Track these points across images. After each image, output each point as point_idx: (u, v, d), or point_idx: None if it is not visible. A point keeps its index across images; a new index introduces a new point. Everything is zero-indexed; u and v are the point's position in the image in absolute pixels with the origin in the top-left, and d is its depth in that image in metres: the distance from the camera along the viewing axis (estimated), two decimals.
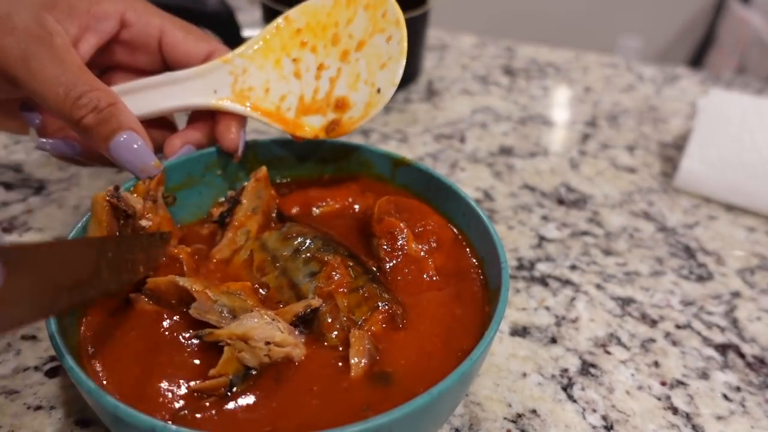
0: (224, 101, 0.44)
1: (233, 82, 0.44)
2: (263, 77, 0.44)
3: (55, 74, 0.35)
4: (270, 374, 0.33)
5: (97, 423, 0.38)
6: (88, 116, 0.36)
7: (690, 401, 0.43)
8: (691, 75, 0.97)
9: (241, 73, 0.44)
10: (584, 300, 0.52)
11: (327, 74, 0.43)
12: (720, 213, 0.65)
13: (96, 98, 0.36)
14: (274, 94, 0.44)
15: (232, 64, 0.44)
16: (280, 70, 0.44)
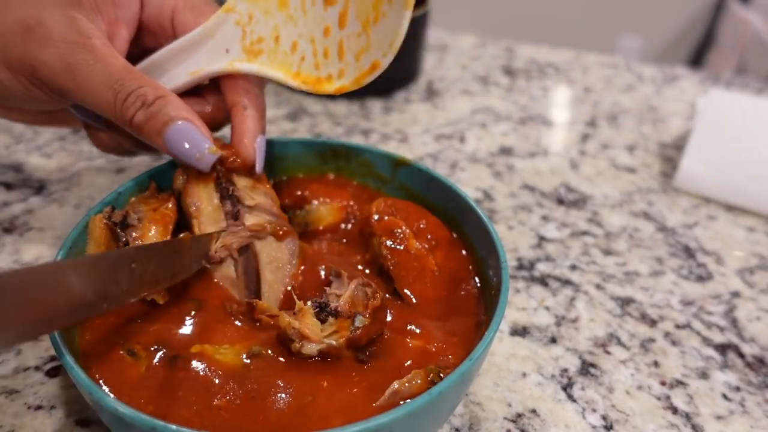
0: (237, 63, 0.40)
1: (242, 35, 0.40)
2: (270, 23, 0.39)
3: (102, 80, 0.35)
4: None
5: (97, 423, 0.38)
6: (138, 113, 0.35)
7: (690, 401, 0.43)
8: (691, 75, 0.97)
9: (248, 22, 0.40)
10: (584, 300, 0.52)
11: (335, 9, 0.37)
12: (720, 213, 0.65)
13: (143, 94, 0.35)
14: (285, 41, 0.39)
15: (236, 12, 0.40)
16: (286, 10, 0.39)
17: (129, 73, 0.36)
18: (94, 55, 0.35)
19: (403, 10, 0.34)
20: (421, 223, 0.42)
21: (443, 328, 0.38)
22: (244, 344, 0.35)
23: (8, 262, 0.51)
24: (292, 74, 0.39)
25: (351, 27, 0.37)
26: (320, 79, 0.38)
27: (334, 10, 0.37)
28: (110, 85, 0.35)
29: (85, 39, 0.35)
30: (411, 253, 0.41)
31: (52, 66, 0.35)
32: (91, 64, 0.35)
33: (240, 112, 0.39)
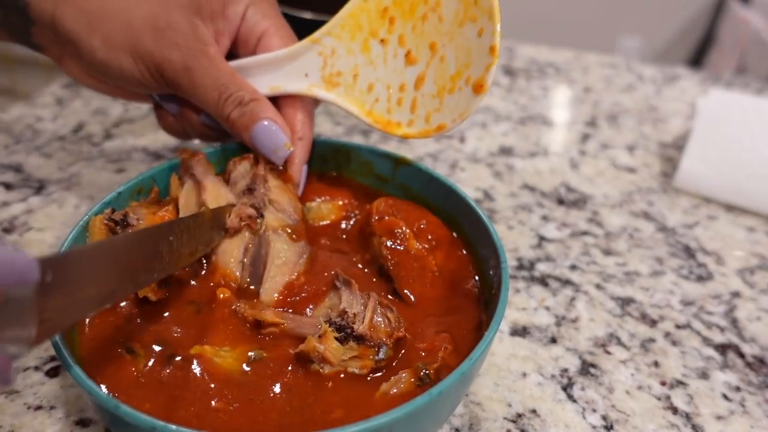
0: (315, 88, 0.44)
1: (322, 65, 0.44)
2: (351, 61, 0.43)
3: (212, 81, 0.42)
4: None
5: (97, 423, 0.38)
6: (234, 110, 0.43)
7: (690, 401, 0.43)
8: (691, 75, 0.97)
9: (330, 55, 0.44)
10: (584, 300, 0.52)
11: (415, 69, 0.41)
12: (720, 213, 0.65)
13: (241, 96, 0.43)
14: (363, 81, 0.43)
15: (320, 44, 0.44)
16: (368, 54, 0.42)
17: (233, 78, 0.43)
18: (209, 61, 0.42)
19: (475, 95, 0.38)
20: (422, 223, 0.42)
21: (442, 327, 0.38)
22: (245, 347, 0.35)
23: None
24: (365, 111, 0.43)
25: (427, 88, 0.40)
26: (390, 123, 0.42)
27: (413, 69, 0.41)
28: (217, 87, 0.42)
29: (203, 46, 0.42)
30: (411, 253, 0.41)
31: (175, 65, 0.42)
32: (206, 67, 0.42)
33: (295, 141, 0.45)
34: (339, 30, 0.43)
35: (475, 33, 0.38)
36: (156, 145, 0.68)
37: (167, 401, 0.32)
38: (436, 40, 0.39)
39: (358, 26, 0.42)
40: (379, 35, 0.42)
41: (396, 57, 0.41)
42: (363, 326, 0.34)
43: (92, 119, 0.72)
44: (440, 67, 0.39)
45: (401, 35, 0.41)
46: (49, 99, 0.76)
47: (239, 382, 0.33)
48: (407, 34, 0.41)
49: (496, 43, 0.37)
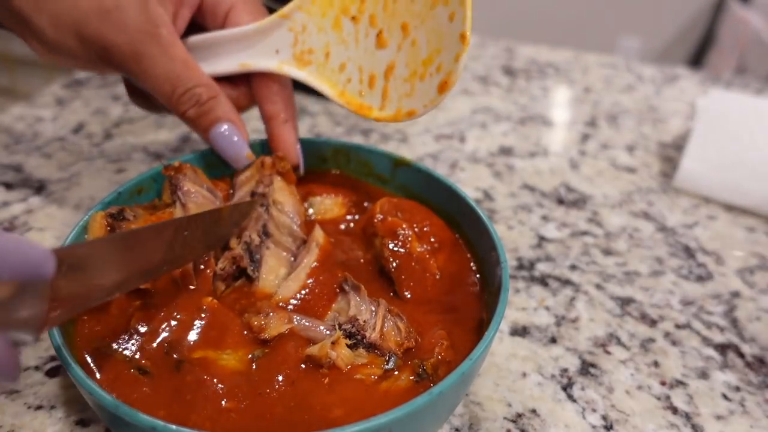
0: (286, 66, 0.43)
1: (293, 41, 0.43)
2: (323, 39, 0.42)
3: (164, 71, 0.39)
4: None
5: (97, 423, 0.38)
6: (191, 110, 0.40)
7: (689, 401, 0.43)
8: (691, 75, 0.97)
9: (301, 31, 0.42)
10: (584, 300, 0.52)
11: (386, 52, 0.40)
12: (720, 213, 0.65)
13: (198, 93, 0.40)
14: (335, 59, 0.42)
15: (291, 20, 0.42)
16: (339, 32, 0.41)
17: (188, 70, 0.40)
18: (160, 47, 0.39)
19: (439, 94, 0.38)
20: (425, 224, 0.42)
21: (441, 326, 0.38)
22: (248, 349, 0.35)
23: None
24: (338, 92, 0.42)
25: (399, 72, 0.39)
26: (362, 106, 0.41)
27: (385, 52, 0.39)
28: (170, 79, 0.39)
29: (154, 28, 0.39)
30: (413, 255, 0.40)
31: (122, 50, 0.39)
32: (157, 55, 0.39)
33: (281, 125, 0.44)
34: (309, 4, 0.42)
35: (446, 16, 0.36)
36: (156, 145, 0.68)
37: (179, 406, 0.32)
38: (408, 21, 0.38)
39: (329, 1, 0.41)
40: (350, 12, 0.40)
41: (368, 37, 0.40)
42: (374, 334, 0.34)
43: (92, 119, 0.73)
44: (412, 51, 0.38)
45: (372, 14, 0.40)
46: (49, 99, 0.76)
47: (245, 379, 0.33)
48: (378, 13, 0.39)
49: (466, 29, 0.36)
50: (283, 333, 0.35)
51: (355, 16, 0.40)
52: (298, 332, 0.36)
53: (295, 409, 0.32)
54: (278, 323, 0.36)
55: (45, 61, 0.43)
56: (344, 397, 0.33)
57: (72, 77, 0.81)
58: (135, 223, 0.38)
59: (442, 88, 0.38)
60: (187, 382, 0.33)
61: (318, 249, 0.40)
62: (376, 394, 0.33)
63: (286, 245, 0.41)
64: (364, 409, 0.31)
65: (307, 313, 0.37)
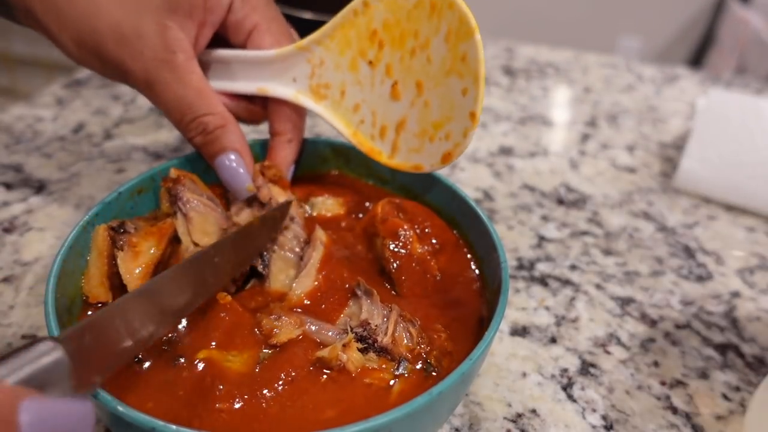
0: (302, 97, 0.44)
1: (310, 73, 0.43)
2: (339, 77, 0.43)
3: (174, 98, 0.40)
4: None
5: (97, 423, 0.38)
6: (197, 137, 0.41)
7: (689, 401, 0.43)
8: (691, 75, 0.97)
9: (318, 65, 0.43)
10: (584, 300, 0.52)
11: (400, 105, 0.41)
12: (720, 213, 0.65)
13: (205, 122, 0.41)
14: (349, 99, 0.43)
15: (309, 52, 0.43)
16: (355, 74, 0.42)
17: (199, 98, 0.41)
18: (174, 73, 0.40)
19: (442, 163, 0.40)
20: (426, 225, 0.42)
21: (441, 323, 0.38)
22: (254, 351, 0.35)
23: (8, 261, 0.51)
24: (351, 131, 0.43)
25: (410, 126, 0.41)
26: (373, 150, 0.43)
27: (398, 105, 0.41)
28: (180, 106, 0.40)
29: (170, 55, 0.40)
30: (413, 256, 0.40)
31: (136, 77, 0.40)
32: (169, 82, 0.40)
33: (285, 143, 0.45)
34: (328, 41, 0.42)
35: (459, 89, 0.37)
36: (156, 145, 0.68)
37: (170, 400, 0.32)
38: (423, 80, 0.39)
39: (347, 41, 0.42)
40: (368, 56, 0.41)
41: (383, 84, 0.41)
42: (386, 339, 0.35)
43: (92, 119, 0.73)
44: (424, 110, 0.39)
45: (389, 64, 0.40)
46: (49, 99, 0.76)
47: (248, 380, 0.33)
48: (395, 64, 0.40)
49: (476, 109, 0.37)
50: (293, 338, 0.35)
51: (371, 61, 0.41)
52: (309, 335, 0.36)
53: (293, 410, 0.32)
54: (290, 329, 0.35)
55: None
56: (352, 401, 0.33)
57: (72, 77, 0.81)
58: (136, 236, 0.38)
59: (445, 158, 0.40)
60: (182, 378, 0.33)
61: (323, 246, 0.40)
62: (387, 398, 0.33)
63: (291, 247, 0.41)
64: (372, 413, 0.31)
65: (318, 316, 0.37)
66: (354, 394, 0.33)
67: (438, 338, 0.36)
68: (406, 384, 0.34)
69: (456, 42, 0.37)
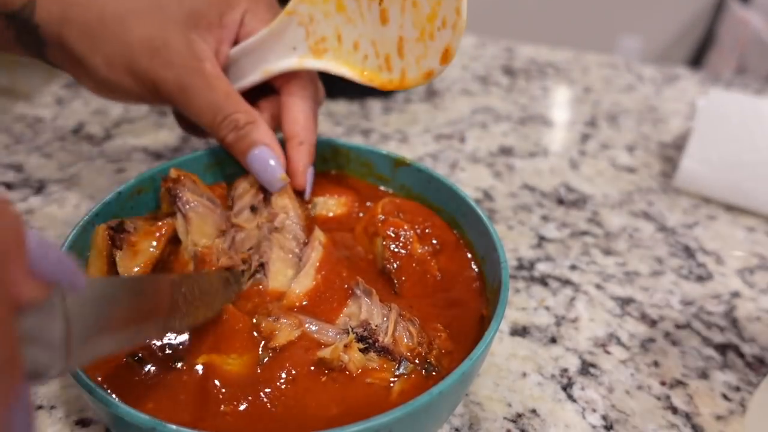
0: (305, 60, 0.44)
1: (305, 34, 0.43)
2: (331, 23, 0.42)
3: (207, 102, 0.42)
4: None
5: (97, 423, 0.38)
6: (230, 134, 0.43)
7: (689, 401, 0.43)
8: (691, 75, 0.97)
9: (309, 22, 0.43)
10: (584, 300, 0.52)
11: (393, 19, 0.40)
12: (720, 213, 0.65)
13: (236, 119, 0.43)
14: (347, 40, 0.42)
15: (297, 14, 0.43)
16: (344, 13, 0.41)
17: (228, 99, 0.43)
18: (204, 79, 0.42)
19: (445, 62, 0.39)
20: (427, 225, 0.42)
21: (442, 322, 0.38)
22: (253, 354, 0.35)
23: None
24: (359, 72, 0.42)
25: (409, 34, 0.39)
26: (384, 82, 0.42)
27: (391, 23, 0.40)
28: (212, 108, 0.42)
29: (198, 63, 0.42)
30: (413, 257, 0.40)
31: (170, 85, 0.42)
32: (201, 87, 0.42)
33: (296, 146, 0.45)
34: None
35: None
36: (156, 145, 0.68)
37: (170, 403, 0.32)
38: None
39: None
40: None
41: (371, 10, 0.40)
42: (387, 338, 0.35)
43: (92, 119, 0.73)
44: (414, 11, 0.39)
45: None
46: (49, 99, 0.76)
47: (250, 381, 0.33)
48: None
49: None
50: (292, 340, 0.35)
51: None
52: (309, 335, 0.36)
53: (296, 409, 0.32)
54: (288, 330, 0.35)
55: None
56: (353, 400, 0.33)
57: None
58: (135, 235, 0.38)
59: (446, 54, 0.39)
60: (182, 381, 0.33)
61: (322, 247, 0.40)
62: (387, 397, 0.33)
63: (291, 248, 0.41)
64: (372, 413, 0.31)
65: (318, 315, 0.37)
66: (355, 394, 0.33)
67: (438, 338, 0.36)
68: (407, 384, 0.34)
69: None
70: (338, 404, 0.33)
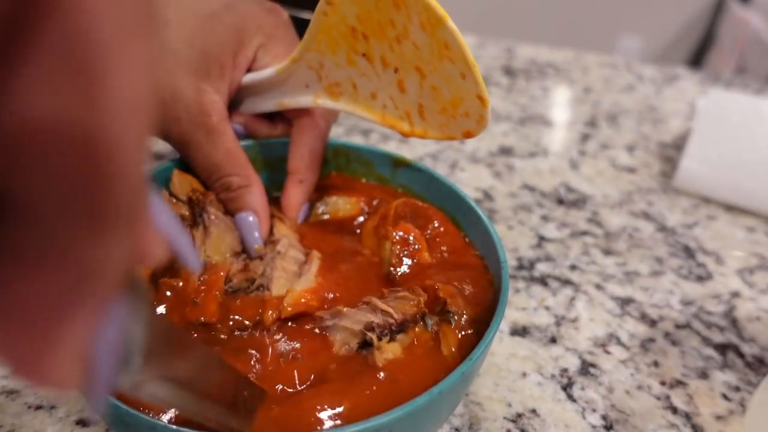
0: (321, 99, 0.43)
1: (317, 77, 0.42)
2: (344, 73, 0.40)
3: (206, 159, 0.43)
4: None
5: (97, 423, 0.38)
6: (222, 193, 0.44)
7: (689, 401, 0.44)
8: (691, 75, 0.97)
9: (319, 68, 0.41)
10: (584, 300, 0.52)
11: (411, 91, 0.38)
12: (719, 213, 0.65)
13: (230, 182, 0.43)
14: (363, 90, 0.40)
15: (304, 60, 0.41)
16: (356, 68, 0.39)
17: (228, 159, 0.43)
18: (207, 136, 0.43)
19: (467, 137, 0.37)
20: (439, 232, 0.42)
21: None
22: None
23: None
24: (379, 116, 0.41)
25: (429, 105, 0.38)
26: (405, 130, 0.40)
27: (409, 93, 0.38)
28: (209, 166, 0.43)
29: (205, 118, 0.43)
30: (421, 264, 0.40)
31: (173, 139, 0.43)
32: (202, 144, 0.43)
33: (296, 183, 0.46)
34: (315, 45, 0.40)
35: (457, 74, 0.35)
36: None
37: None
38: (421, 66, 0.36)
39: (332, 41, 0.39)
40: (359, 50, 0.39)
41: (386, 73, 0.38)
42: (397, 314, 0.35)
43: None
44: (435, 93, 0.37)
45: (382, 54, 0.38)
46: None
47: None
48: (387, 53, 0.38)
49: (482, 92, 0.34)
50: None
51: (365, 54, 0.38)
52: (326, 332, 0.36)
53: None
54: (296, 294, 0.36)
55: None
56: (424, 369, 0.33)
57: None
58: None
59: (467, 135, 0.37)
60: None
61: (319, 260, 0.41)
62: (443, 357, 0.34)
63: (292, 270, 0.41)
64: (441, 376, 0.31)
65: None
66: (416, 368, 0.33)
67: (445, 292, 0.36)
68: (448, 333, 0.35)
69: (432, 30, 0.35)
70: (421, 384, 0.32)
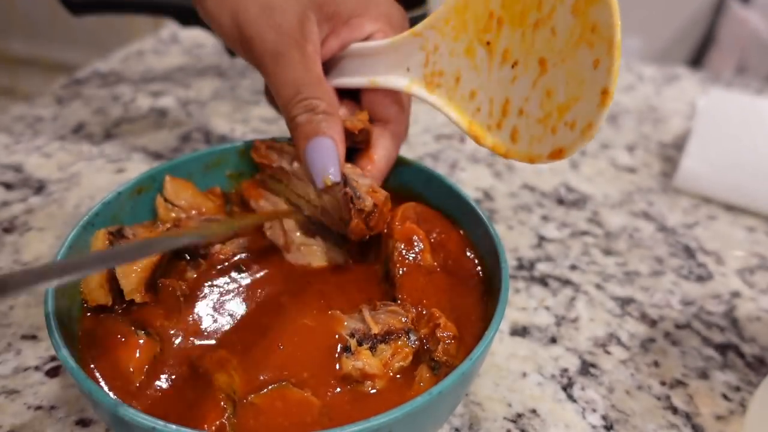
0: (416, 87, 0.41)
1: (424, 62, 0.40)
2: (454, 63, 0.39)
3: (295, 77, 0.39)
4: None
5: (97, 423, 0.38)
6: (302, 115, 0.39)
7: (689, 401, 0.43)
8: (691, 75, 0.97)
9: (433, 51, 0.40)
10: (584, 300, 0.52)
11: (520, 86, 0.36)
12: (720, 213, 0.65)
13: (316, 104, 0.39)
14: (465, 86, 0.39)
15: (423, 37, 0.40)
16: (472, 58, 0.38)
17: (318, 84, 0.40)
18: (301, 56, 0.40)
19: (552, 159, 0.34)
20: (443, 238, 0.42)
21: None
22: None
23: (8, 262, 0.51)
24: (467, 121, 0.39)
25: (532, 110, 0.35)
26: (489, 145, 0.38)
27: (519, 88, 0.36)
28: (297, 84, 0.39)
29: (303, 40, 0.40)
30: (422, 266, 0.40)
31: (266, 45, 0.39)
32: (296, 61, 0.39)
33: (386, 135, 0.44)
34: (443, 24, 0.39)
35: (590, 62, 0.32)
36: (156, 145, 0.68)
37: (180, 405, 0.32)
38: (547, 56, 0.34)
39: (462, 25, 0.38)
40: (485, 38, 0.37)
41: (502, 67, 0.37)
42: (378, 326, 0.35)
43: (92, 119, 0.73)
44: (543, 96, 0.35)
45: (508, 43, 0.36)
46: (49, 99, 0.76)
47: None
48: (515, 43, 0.36)
49: (610, 84, 0.31)
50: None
51: (490, 42, 0.37)
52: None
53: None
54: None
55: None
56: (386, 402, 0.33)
57: (72, 77, 0.81)
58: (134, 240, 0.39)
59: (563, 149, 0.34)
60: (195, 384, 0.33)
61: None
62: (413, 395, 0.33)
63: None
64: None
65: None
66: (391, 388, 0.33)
67: (438, 328, 0.36)
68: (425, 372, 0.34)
69: (585, 8, 0.32)
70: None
